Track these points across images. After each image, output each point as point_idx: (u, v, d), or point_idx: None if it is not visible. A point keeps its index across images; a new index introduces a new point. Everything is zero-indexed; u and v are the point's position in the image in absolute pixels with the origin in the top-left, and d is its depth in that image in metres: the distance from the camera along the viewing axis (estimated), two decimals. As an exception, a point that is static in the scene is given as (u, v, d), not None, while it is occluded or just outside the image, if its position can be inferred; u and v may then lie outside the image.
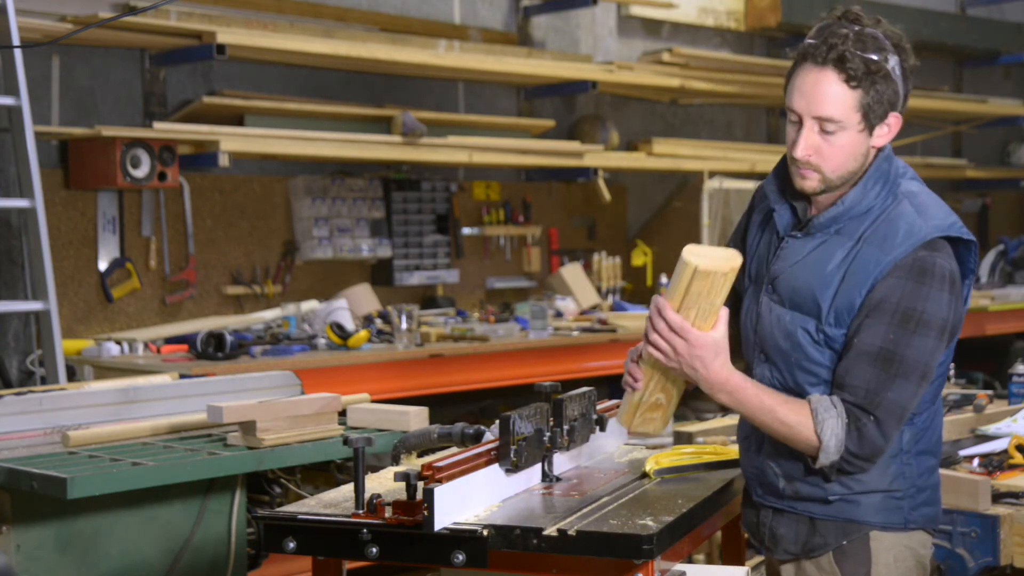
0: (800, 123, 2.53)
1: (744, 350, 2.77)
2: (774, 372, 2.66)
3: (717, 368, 2.52)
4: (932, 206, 2.57)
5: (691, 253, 2.46)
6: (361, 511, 2.41)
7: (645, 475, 2.81)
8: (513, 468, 2.57)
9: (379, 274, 6.57)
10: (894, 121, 2.55)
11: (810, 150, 2.52)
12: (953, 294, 2.51)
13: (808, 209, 2.65)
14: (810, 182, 2.56)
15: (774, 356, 2.66)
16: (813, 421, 2.50)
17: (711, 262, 2.45)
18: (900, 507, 2.62)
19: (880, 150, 2.60)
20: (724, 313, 2.53)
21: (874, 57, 2.46)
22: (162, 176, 5.39)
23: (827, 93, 2.47)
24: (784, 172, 2.66)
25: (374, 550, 2.38)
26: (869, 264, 2.51)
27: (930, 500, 2.68)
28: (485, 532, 2.33)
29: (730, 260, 2.49)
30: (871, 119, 2.51)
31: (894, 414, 2.50)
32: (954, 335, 2.59)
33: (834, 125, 2.48)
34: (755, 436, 2.71)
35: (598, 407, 2.98)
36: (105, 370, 4.92)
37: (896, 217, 2.54)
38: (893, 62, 2.50)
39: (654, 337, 2.52)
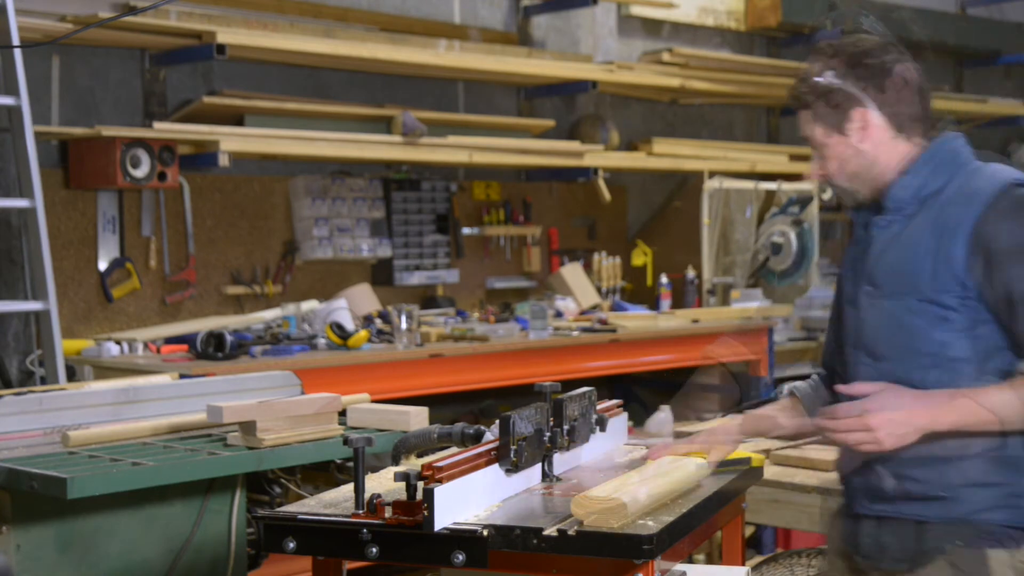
0: None
1: (846, 365, 2.73)
2: (884, 368, 2.61)
3: (907, 408, 2.50)
4: (1012, 169, 2.66)
5: (579, 505, 2.42)
6: (361, 511, 2.41)
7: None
8: (513, 468, 2.57)
9: (379, 274, 6.57)
10: (861, 116, 2.68)
11: (817, 172, 2.75)
12: None
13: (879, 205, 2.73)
14: (842, 196, 2.78)
15: (883, 351, 2.62)
16: None
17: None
18: (1015, 505, 2.55)
19: (919, 138, 2.72)
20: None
21: (801, 87, 2.73)
22: (162, 176, 5.39)
23: (800, 121, 2.76)
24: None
25: (374, 550, 2.38)
26: (958, 217, 2.56)
27: None
28: (485, 532, 2.33)
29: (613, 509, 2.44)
30: (830, 124, 2.69)
31: None
32: None
33: (814, 141, 2.73)
34: None
35: (598, 407, 2.98)
36: (105, 370, 4.92)
37: (977, 177, 2.63)
38: (827, 76, 2.71)
39: (848, 439, 2.54)
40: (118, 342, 5.15)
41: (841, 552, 2.77)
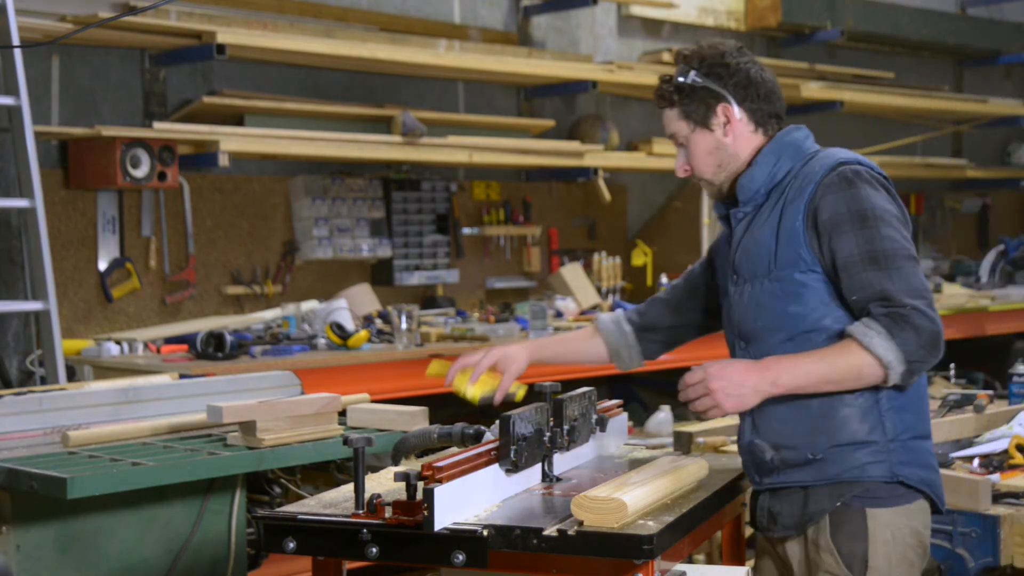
0: None
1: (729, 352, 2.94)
2: (752, 350, 2.80)
3: (739, 371, 2.69)
4: (846, 152, 2.84)
5: (579, 506, 2.43)
6: (361, 511, 2.41)
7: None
8: (513, 468, 2.57)
9: (379, 274, 6.57)
10: (724, 111, 2.87)
11: (682, 166, 2.96)
12: (888, 192, 2.75)
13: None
14: (705, 188, 2.98)
15: (750, 333, 2.81)
16: (862, 347, 2.61)
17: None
18: (886, 460, 2.71)
19: (774, 133, 2.89)
20: None
21: (666, 86, 2.95)
22: (162, 176, 5.39)
23: (664, 121, 3.01)
24: None
25: (374, 550, 2.38)
26: (795, 198, 2.76)
27: (921, 464, 2.76)
28: (485, 532, 2.33)
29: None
30: (696, 120, 2.90)
31: (917, 294, 2.63)
32: (912, 230, 2.77)
33: (679, 137, 2.94)
34: (748, 417, 2.81)
35: (598, 407, 2.99)
36: (105, 370, 4.92)
37: (814, 162, 2.82)
38: (691, 76, 2.89)
39: (696, 405, 2.70)
40: (118, 342, 5.15)
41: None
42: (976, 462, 3.82)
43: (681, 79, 2.90)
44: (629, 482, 2.52)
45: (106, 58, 5.66)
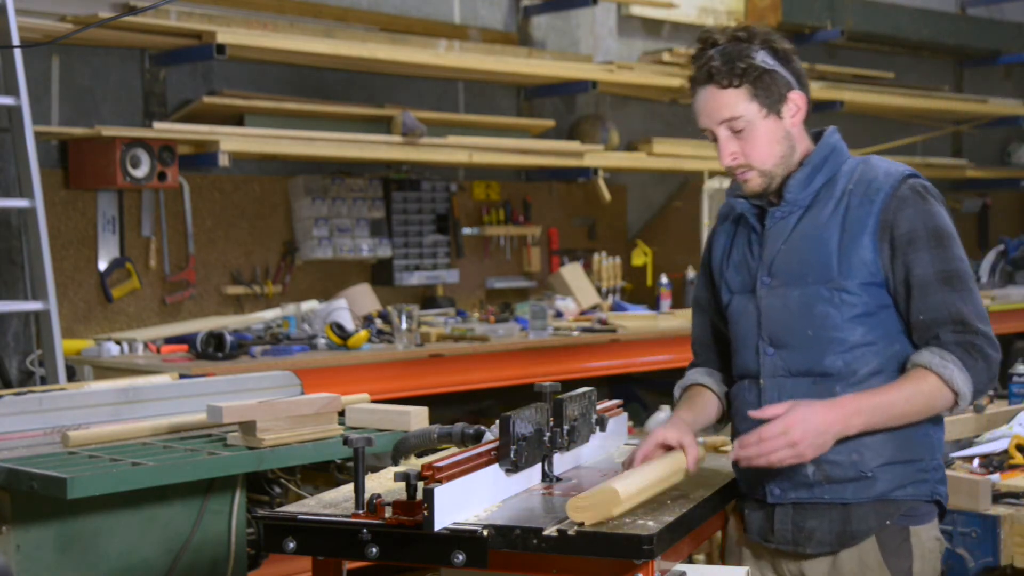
0: (715, 137, 2.74)
1: (740, 355, 2.80)
2: (790, 357, 2.69)
3: (821, 418, 2.57)
4: (890, 160, 2.78)
5: (577, 510, 2.39)
6: (361, 511, 2.41)
7: None
8: (513, 468, 2.57)
9: (379, 274, 6.57)
10: (798, 98, 2.73)
11: (733, 154, 2.71)
12: (949, 212, 2.72)
13: (770, 200, 2.78)
14: (752, 182, 2.74)
15: (789, 340, 2.69)
16: (940, 379, 2.59)
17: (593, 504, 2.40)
18: (928, 480, 2.70)
19: (822, 132, 2.79)
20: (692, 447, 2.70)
21: (739, 63, 2.67)
22: (162, 176, 5.39)
23: (718, 101, 2.69)
24: (738, 188, 2.84)
25: (374, 550, 2.38)
26: (863, 207, 2.66)
27: (944, 480, 2.77)
28: (485, 532, 2.33)
29: (607, 498, 2.41)
30: (769, 104, 2.69)
31: (984, 320, 2.65)
32: None
33: (740, 121, 2.68)
34: None
35: (598, 407, 2.98)
36: (105, 370, 4.92)
37: (869, 169, 2.73)
38: (761, 56, 2.69)
39: (772, 458, 2.57)
40: (118, 342, 5.15)
41: (750, 542, 2.83)
42: (976, 462, 3.82)
43: (743, 64, 2.67)
44: (617, 476, 2.52)
45: (106, 58, 5.66)
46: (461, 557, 2.32)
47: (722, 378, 2.96)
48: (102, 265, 5.58)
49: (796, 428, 2.54)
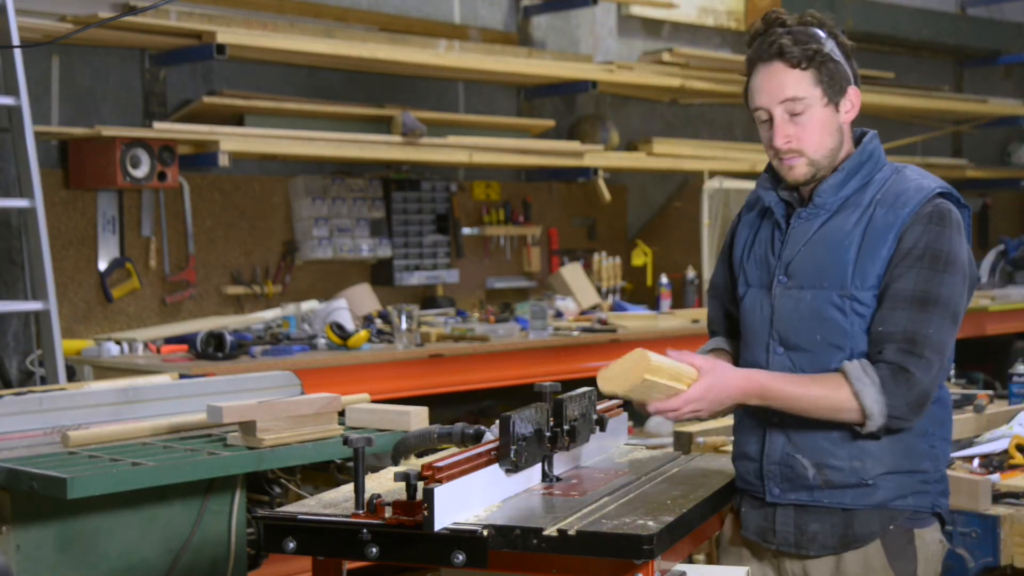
0: (770, 118, 2.68)
1: (749, 349, 2.79)
2: (798, 358, 2.68)
3: (732, 389, 2.60)
4: (930, 175, 2.73)
5: (605, 380, 2.46)
6: (361, 511, 2.41)
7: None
8: (513, 468, 2.56)
9: (379, 274, 6.57)
10: (854, 95, 2.72)
11: (788, 137, 2.66)
12: (968, 243, 2.66)
13: (801, 198, 2.75)
14: (798, 169, 2.69)
15: (799, 341, 2.68)
16: (852, 391, 2.55)
17: (623, 373, 2.47)
18: (930, 491, 2.69)
19: (863, 135, 2.76)
20: (687, 359, 2.63)
21: (811, 45, 2.64)
22: (162, 176, 5.39)
23: (783, 80, 2.65)
24: (773, 175, 2.78)
25: (374, 550, 2.37)
26: (887, 219, 2.63)
27: (946, 492, 2.77)
28: (485, 532, 2.33)
29: (636, 361, 2.50)
30: (831, 94, 2.66)
31: (937, 352, 2.57)
32: (972, 288, 2.69)
33: (800, 104, 2.64)
34: (780, 429, 2.70)
35: (598, 407, 2.98)
36: (105, 370, 4.92)
37: (901, 181, 2.69)
38: (830, 45, 2.66)
39: (671, 416, 2.62)
40: (118, 342, 5.15)
41: (748, 541, 2.83)
42: (976, 462, 3.81)
43: (816, 46, 2.63)
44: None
45: (106, 58, 5.66)
46: (461, 557, 2.32)
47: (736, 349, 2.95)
48: (102, 265, 5.58)
49: (708, 396, 2.58)
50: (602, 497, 2.60)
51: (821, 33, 2.66)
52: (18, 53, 4.74)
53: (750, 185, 7.99)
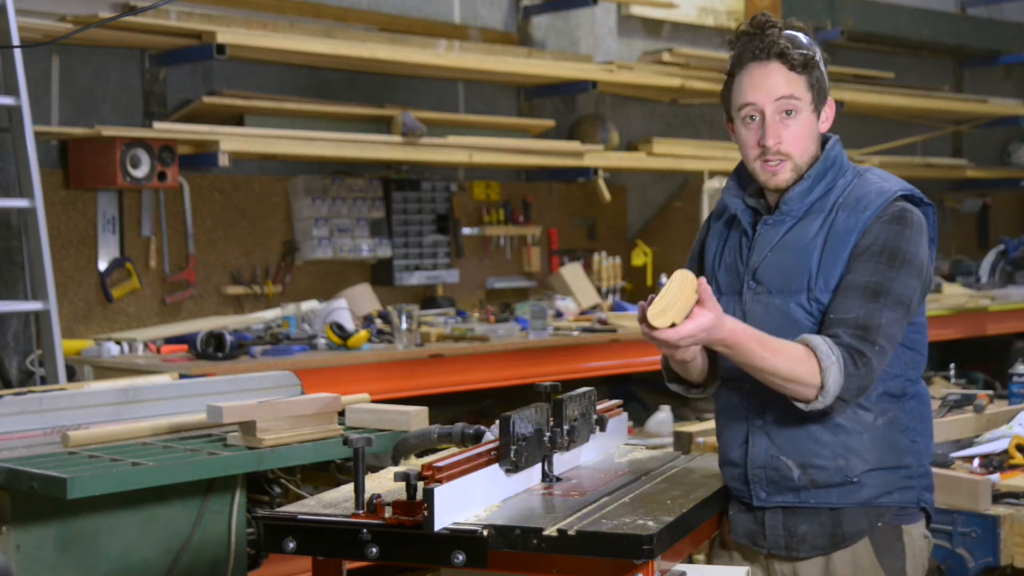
0: (761, 116, 2.68)
1: (724, 358, 2.75)
2: None
3: (724, 330, 2.52)
4: (892, 177, 2.76)
5: (657, 316, 2.44)
6: (361, 511, 2.41)
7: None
8: (513, 468, 2.57)
9: (379, 274, 6.57)
10: (831, 107, 2.76)
11: (779, 137, 2.67)
12: (928, 245, 2.69)
13: (767, 205, 2.78)
14: (782, 174, 2.71)
15: None
16: (819, 367, 2.53)
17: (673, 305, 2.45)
18: (914, 487, 2.71)
19: (827, 141, 2.78)
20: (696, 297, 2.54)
21: (806, 51, 2.68)
22: (162, 176, 5.39)
23: (780, 79, 2.67)
24: (740, 181, 2.83)
25: (374, 550, 2.38)
26: (848, 223, 2.66)
27: (931, 486, 2.78)
28: (485, 532, 2.33)
29: (682, 282, 2.48)
30: (817, 101, 2.71)
31: (890, 342, 2.59)
32: (926, 289, 2.71)
33: (794, 102, 2.66)
34: (763, 432, 2.70)
35: (598, 407, 2.98)
36: (105, 370, 4.92)
37: (863, 185, 2.72)
38: (819, 54, 2.72)
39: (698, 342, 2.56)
40: (118, 342, 5.15)
41: (738, 545, 2.83)
42: (976, 462, 3.82)
43: (809, 52, 2.67)
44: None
45: (106, 58, 5.66)
46: (461, 557, 2.32)
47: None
48: (102, 265, 5.58)
49: (716, 323, 2.49)
50: (602, 497, 2.60)
51: (806, 40, 2.71)
52: (18, 53, 4.74)
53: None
